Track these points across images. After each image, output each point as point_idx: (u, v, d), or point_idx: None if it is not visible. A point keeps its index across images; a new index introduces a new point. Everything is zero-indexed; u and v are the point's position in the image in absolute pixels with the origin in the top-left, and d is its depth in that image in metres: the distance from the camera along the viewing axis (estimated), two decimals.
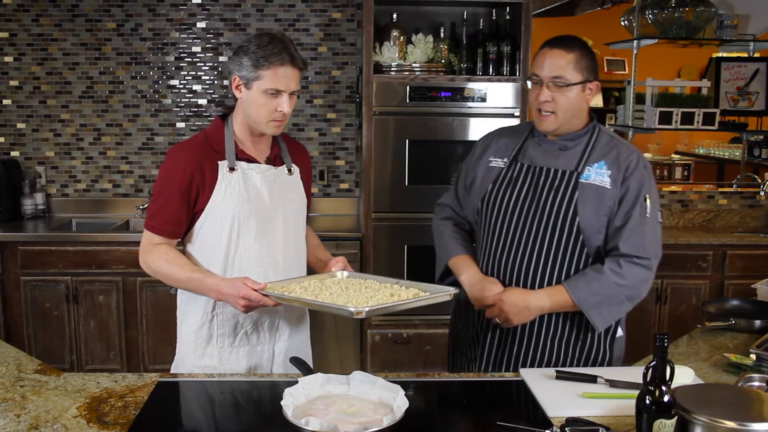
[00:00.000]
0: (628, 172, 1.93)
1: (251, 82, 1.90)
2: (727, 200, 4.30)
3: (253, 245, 1.99)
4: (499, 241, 2.02)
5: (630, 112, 4.40)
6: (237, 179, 1.97)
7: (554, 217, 1.95)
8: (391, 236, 3.67)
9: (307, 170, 2.19)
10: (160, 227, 1.96)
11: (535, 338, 2.01)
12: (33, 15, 4.06)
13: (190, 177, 1.93)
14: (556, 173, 1.98)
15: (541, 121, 1.97)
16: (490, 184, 2.06)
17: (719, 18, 4.20)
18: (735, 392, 1.54)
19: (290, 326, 2.09)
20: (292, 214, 2.08)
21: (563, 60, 1.91)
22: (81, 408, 1.63)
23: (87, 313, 3.66)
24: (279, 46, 1.88)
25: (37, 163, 4.20)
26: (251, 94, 1.92)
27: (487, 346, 2.07)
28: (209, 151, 1.98)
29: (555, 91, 1.91)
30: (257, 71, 1.88)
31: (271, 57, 1.87)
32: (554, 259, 1.95)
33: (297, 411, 1.53)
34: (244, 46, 1.92)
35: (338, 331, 3.76)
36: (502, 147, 2.10)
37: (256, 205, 1.99)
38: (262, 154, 2.05)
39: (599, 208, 1.93)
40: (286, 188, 2.07)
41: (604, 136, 2.01)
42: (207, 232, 1.98)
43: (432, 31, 3.83)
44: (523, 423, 1.56)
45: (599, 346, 2.02)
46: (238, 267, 1.99)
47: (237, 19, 4.13)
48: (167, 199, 1.94)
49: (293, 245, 2.09)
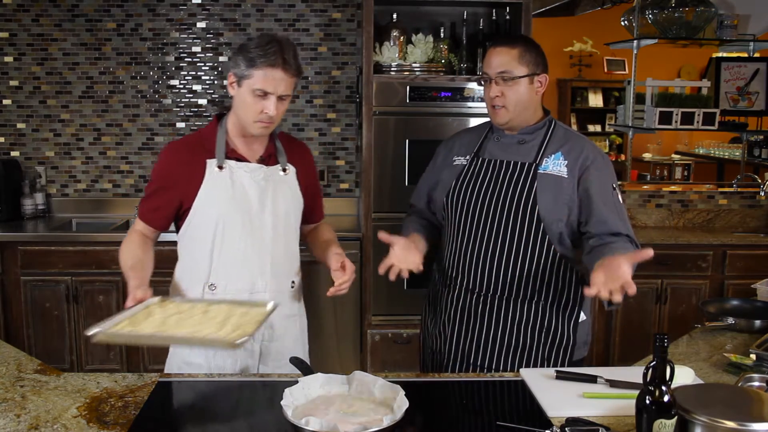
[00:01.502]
0: (587, 162, 2.02)
1: (242, 80, 1.92)
2: (727, 200, 4.30)
3: (238, 244, 2.00)
4: (464, 233, 2.09)
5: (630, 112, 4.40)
6: (224, 177, 1.98)
7: (515, 207, 2.02)
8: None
9: (308, 169, 2.19)
10: (143, 213, 2.05)
11: (501, 328, 2.06)
12: (33, 15, 4.06)
13: (178, 173, 1.98)
14: (516, 165, 2.06)
15: (494, 115, 2.07)
16: (454, 179, 2.14)
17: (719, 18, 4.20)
18: (735, 392, 1.54)
19: (278, 327, 2.08)
20: (283, 213, 2.07)
21: (508, 55, 2.01)
22: (81, 408, 1.63)
23: (87, 313, 3.66)
24: (275, 48, 1.89)
25: (37, 163, 4.20)
26: (241, 93, 1.93)
27: (455, 338, 2.12)
28: (200, 149, 2.01)
29: (503, 86, 2.02)
30: (249, 70, 1.89)
31: (265, 57, 1.88)
32: (517, 247, 2.03)
33: (297, 411, 1.53)
34: (244, 44, 1.93)
35: (338, 331, 3.76)
36: (464, 145, 2.19)
37: (241, 204, 1.99)
38: (255, 153, 2.06)
39: (558, 197, 2.01)
40: (278, 187, 2.06)
41: (559, 129, 2.11)
42: (194, 229, 2.02)
43: (432, 31, 3.83)
44: (523, 423, 1.56)
45: (563, 331, 2.07)
46: (224, 265, 2.00)
47: (237, 19, 4.13)
48: (154, 190, 2.03)
49: (282, 244, 2.08)
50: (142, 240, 2.04)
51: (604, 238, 1.96)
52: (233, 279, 2.01)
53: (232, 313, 1.77)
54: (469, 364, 2.09)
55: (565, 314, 2.06)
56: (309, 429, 1.41)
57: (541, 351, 2.06)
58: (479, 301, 2.07)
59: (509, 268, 2.04)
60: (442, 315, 2.16)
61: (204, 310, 1.80)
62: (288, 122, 4.21)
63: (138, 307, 1.78)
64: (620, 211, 2.02)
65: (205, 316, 1.76)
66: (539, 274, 2.03)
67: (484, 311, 2.07)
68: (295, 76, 1.94)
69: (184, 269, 2.08)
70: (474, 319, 2.09)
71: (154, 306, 1.81)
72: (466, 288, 2.09)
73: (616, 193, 2.04)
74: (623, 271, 1.68)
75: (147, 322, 1.69)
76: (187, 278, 2.05)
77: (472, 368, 2.09)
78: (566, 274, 2.04)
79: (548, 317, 2.06)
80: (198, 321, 1.72)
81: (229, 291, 2.00)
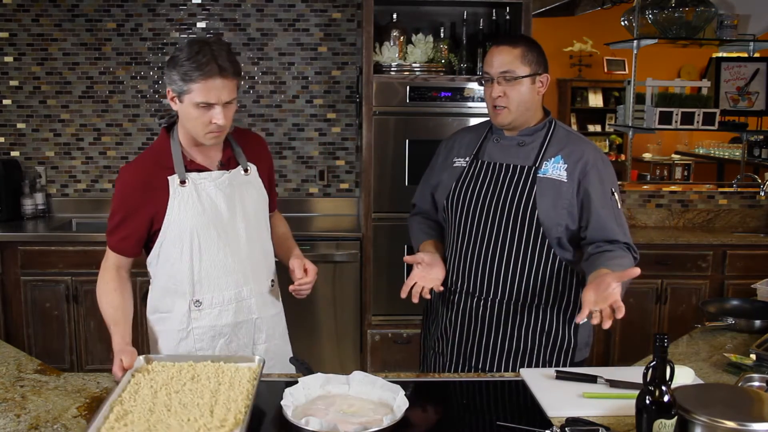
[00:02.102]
0: (586, 166, 2.00)
1: (182, 96, 1.83)
2: (727, 200, 4.30)
3: (217, 255, 1.96)
4: (464, 236, 2.08)
5: (630, 112, 4.40)
6: (189, 192, 1.93)
7: (514, 211, 2.01)
8: (391, 236, 3.66)
9: (265, 163, 2.13)
10: (115, 245, 1.96)
11: (502, 331, 2.06)
12: (33, 15, 4.06)
13: (140, 196, 1.91)
14: (515, 169, 2.05)
15: (496, 116, 2.04)
16: (454, 182, 2.13)
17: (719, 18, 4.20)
18: (735, 392, 1.54)
19: (267, 326, 2.08)
20: (253, 215, 2.04)
21: (510, 55, 1.99)
22: (81, 408, 1.63)
23: (87, 313, 3.66)
24: (207, 56, 1.78)
25: (37, 163, 4.20)
26: (184, 108, 1.85)
27: (456, 341, 2.11)
28: (157, 167, 1.93)
29: (506, 86, 1.99)
30: (187, 84, 1.80)
31: (198, 69, 1.78)
32: (517, 251, 2.02)
33: (297, 411, 1.53)
34: (174, 57, 1.83)
35: (338, 331, 3.76)
36: (464, 146, 2.17)
37: (213, 216, 1.95)
38: (213, 160, 1.99)
39: (557, 201, 1.99)
40: (243, 189, 2.02)
41: (560, 131, 2.08)
42: (168, 250, 1.95)
43: (432, 31, 3.83)
44: (523, 423, 1.56)
45: (563, 334, 2.06)
46: (207, 279, 1.97)
47: (237, 19, 4.13)
48: (121, 219, 1.94)
49: (258, 247, 2.06)
50: (118, 279, 1.97)
51: (601, 246, 1.96)
52: (218, 291, 1.98)
53: (221, 381, 1.67)
54: (471, 367, 2.09)
55: (566, 317, 2.06)
56: (309, 429, 1.41)
57: (542, 354, 2.05)
58: (480, 305, 2.07)
59: (509, 272, 2.03)
60: (444, 317, 2.16)
61: (192, 375, 1.70)
62: (288, 122, 4.21)
63: (124, 381, 1.67)
64: (618, 216, 2.01)
65: (195, 386, 1.64)
66: (539, 277, 2.02)
67: (485, 315, 2.06)
68: (236, 77, 1.84)
69: (163, 291, 2.01)
70: (475, 322, 2.08)
71: (140, 375, 1.70)
72: (466, 291, 2.09)
73: (615, 197, 2.02)
74: (612, 290, 1.71)
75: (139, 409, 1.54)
76: (168, 300, 2.00)
77: (474, 371, 2.08)
78: (566, 277, 2.03)
79: (549, 320, 2.05)
80: (189, 398, 1.58)
81: (215, 303, 1.98)
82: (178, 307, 1.99)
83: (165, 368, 1.74)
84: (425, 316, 2.32)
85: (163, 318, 2.02)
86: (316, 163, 4.26)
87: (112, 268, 1.99)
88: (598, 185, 1.99)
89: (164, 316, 2.02)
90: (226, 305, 2.00)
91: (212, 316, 1.99)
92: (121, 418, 1.49)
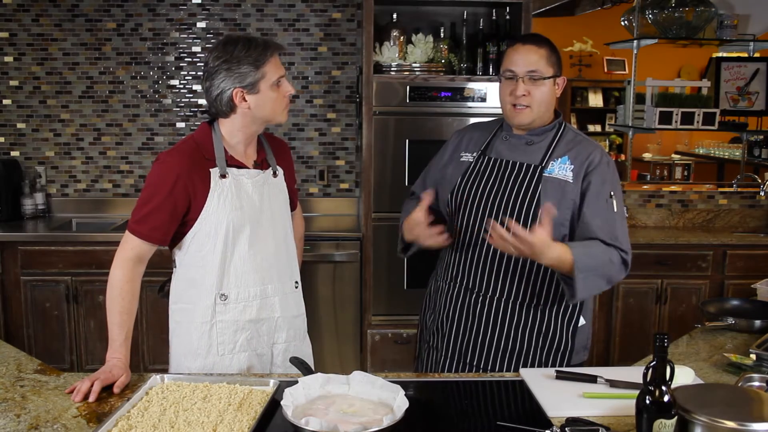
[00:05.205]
0: (591, 167, 2.00)
1: (257, 84, 1.91)
2: (727, 200, 4.30)
3: (248, 252, 1.98)
4: (467, 231, 2.08)
5: (630, 112, 4.40)
6: (229, 186, 1.95)
7: (518, 208, 2.01)
8: (391, 236, 3.66)
9: (290, 168, 2.20)
10: (146, 233, 1.91)
11: (499, 329, 2.06)
12: (33, 15, 4.06)
13: (182, 184, 1.90)
14: (522, 167, 2.05)
15: (516, 115, 2.03)
16: (459, 176, 2.13)
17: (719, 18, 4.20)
18: (735, 392, 1.54)
19: (288, 327, 2.09)
20: (280, 217, 2.08)
21: (536, 54, 1.99)
22: (81, 408, 1.63)
23: (87, 313, 3.66)
24: (256, 40, 1.94)
25: (37, 163, 4.20)
26: (261, 96, 1.93)
27: (452, 336, 2.12)
28: (199, 157, 1.95)
29: (530, 85, 1.99)
30: (260, 70, 1.91)
31: (265, 50, 1.92)
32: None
33: (297, 411, 1.53)
34: (229, 59, 1.89)
35: (338, 331, 3.76)
36: (473, 142, 2.18)
37: (248, 212, 1.98)
38: (250, 158, 2.04)
39: (561, 201, 1.99)
40: (273, 191, 2.07)
41: (569, 133, 2.09)
42: (201, 241, 1.96)
43: (432, 31, 3.83)
44: (523, 423, 1.56)
45: (561, 335, 2.06)
46: (235, 274, 1.98)
47: (237, 19, 4.13)
48: (156, 206, 1.90)
49: (284, 247, 2.09)
50: (132, 279, 1.93)
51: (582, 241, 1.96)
52: (244, 287, 2.00)
53: (231, 402, 1.64)
54: (466, 364, 2.09)
55: (565, 318, 2.05)
56: (309, 429, 1.41)
57: (538, 354, 2.05)
58: (478, 302, 2.07)
59: (509, 270, 2.03)
60: (441, 311, 2.16)
61: (204, 395, 1.67)
62: (288, 122, 4.21)
63: (136, 397, 1.64)
64: (608, 218, 1.97)
65: (204, 406, 1.62)
66: (540, 277, 2.02)
67: (482, 312, 2.07)
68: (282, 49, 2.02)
69: (189, 282, 2.01)
70: (473, 319, 2.08)
71: (154, 393, 1.68)
72: (466, 287, 2.09)
73: (612, 201, 1.99)
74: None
75: (143, 425, 1.52)
76: (193, 291, 1.99)
77: (468, 368, 2.09)
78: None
79: (547, 321, 2.05)
80: (195, 417, 1.56)
81: (241, 299, 1.99)
82: (203, 299, 1.98)
83: (180, 387, 1.72)
84: (423, 306, 2.31)
85: (186, 309, 2.01)
86: (316, 163, 4.26)
87: (130, 262, 1.92)
88: (597, 186, 1.99)
89: (187, 307, 2.01)
90: (251, 301, 2.01)
91: (237, 310, 1.99)
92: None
